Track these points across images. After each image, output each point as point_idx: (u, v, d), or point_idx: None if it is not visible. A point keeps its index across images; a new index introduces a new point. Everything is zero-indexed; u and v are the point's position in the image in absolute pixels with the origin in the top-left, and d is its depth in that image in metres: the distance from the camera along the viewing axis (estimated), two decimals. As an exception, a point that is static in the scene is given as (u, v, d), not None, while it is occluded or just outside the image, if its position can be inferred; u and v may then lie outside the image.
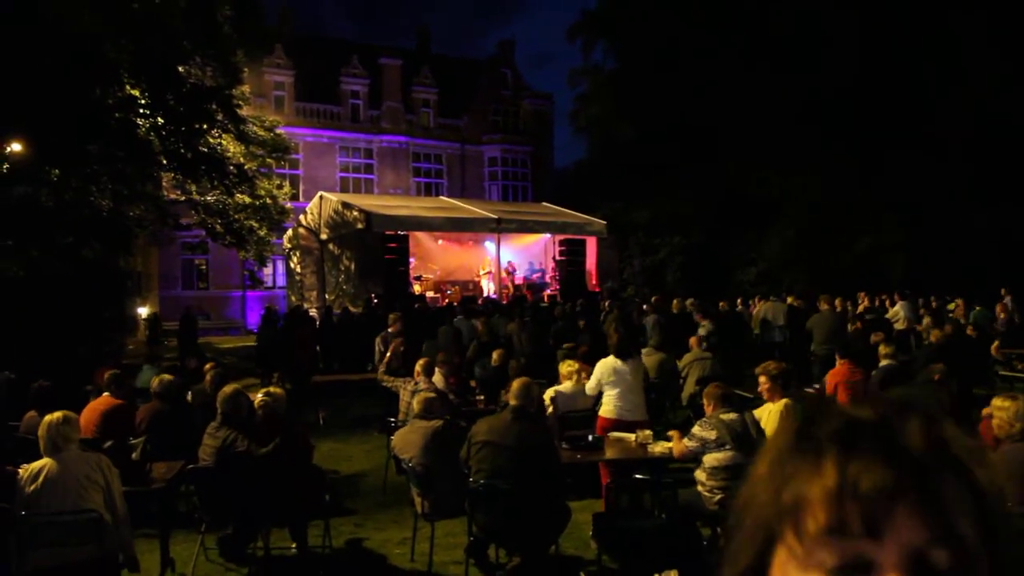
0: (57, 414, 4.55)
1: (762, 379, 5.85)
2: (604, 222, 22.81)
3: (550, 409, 7.02)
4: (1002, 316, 14.70)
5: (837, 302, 14.49)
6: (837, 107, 23.48)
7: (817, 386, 9.41)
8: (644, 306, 16.73)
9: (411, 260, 20.29)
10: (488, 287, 21.83)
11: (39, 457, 4.55)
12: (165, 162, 17.25)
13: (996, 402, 4.27)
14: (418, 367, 7.91)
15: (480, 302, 18.78)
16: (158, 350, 13.73)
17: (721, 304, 15.49)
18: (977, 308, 14.66)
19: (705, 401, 5.58)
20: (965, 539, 0.56)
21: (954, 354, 9.04)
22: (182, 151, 17.08)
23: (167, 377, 7.03)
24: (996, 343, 12.04)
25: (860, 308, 15.78)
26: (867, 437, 0.60)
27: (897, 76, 22.71)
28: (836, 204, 24.06)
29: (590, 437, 6.31)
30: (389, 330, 11.88)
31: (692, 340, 10.44)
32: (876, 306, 16.12)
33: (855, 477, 0.57)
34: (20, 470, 4.56)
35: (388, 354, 9.75)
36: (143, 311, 23.69)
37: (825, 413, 0.64)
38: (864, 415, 0.62)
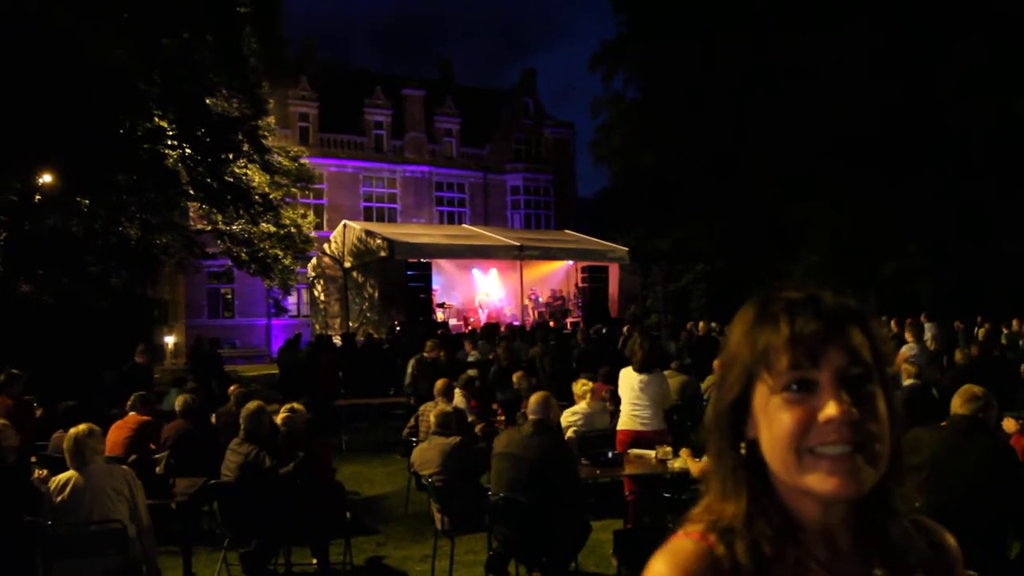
0: (82, 426, 4.62)
1: None
2: (626, 249, 22.85)
3: (568, 432, 7.00)
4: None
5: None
6: (863, 132, 23.41)
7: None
8: (663, 329, 16.67)
9: (435, 288, 20.38)
10: (482, 315, 21.74)
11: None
12: (192, 192, 17.54)
13: None
14: (437, 388, 7.95)
15: (502, 329, 18.81)
16: (185, 375, 13.85)
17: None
18: (1005, 330, 14.51)
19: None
20: (867, 361, 0.93)
21: (981, 375, 8.94)
22: (208, 181, 17.37)
23: (191, 396, 7.11)
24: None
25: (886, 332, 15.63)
26: (804, 305, 0.95)
27: (921, 99, 22.64)
28: (861, 230, 23.91)
29: (610, 453, 6.30)
30: (424, 355, 11.95)
31: (716, 363, 10.37)
32: (897, 332, 15.96)
33: (800, 328, 0.93)
34: (50, 483, 4.64)
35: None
36: (170, 339, 23.94)
37: (774, 297, 0.99)
38: (800, 293, 0.97)
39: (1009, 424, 5.45)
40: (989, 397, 4.23)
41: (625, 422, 6.76)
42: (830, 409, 0.89)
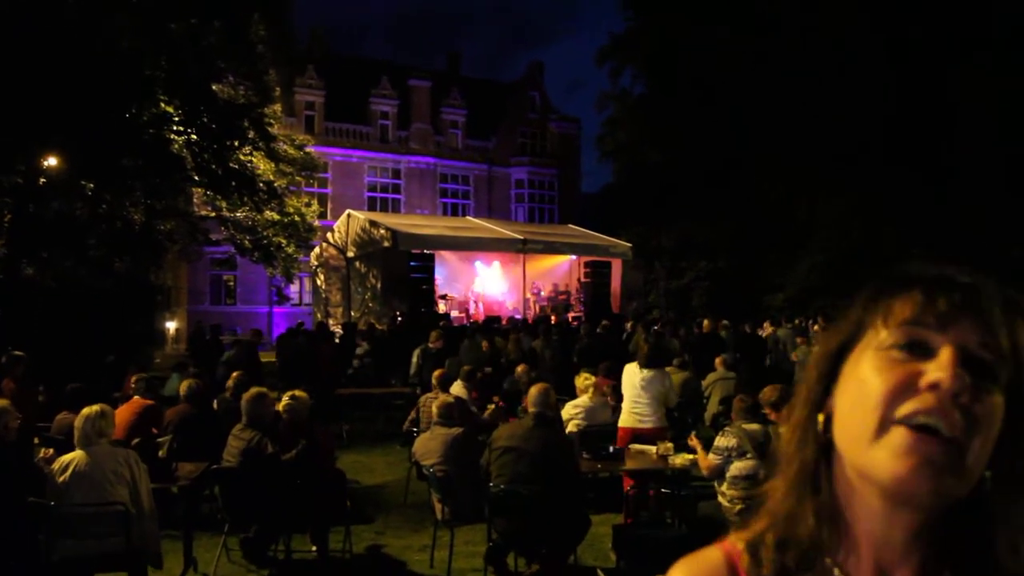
0: (95, 407, 4.66)
1: (766, 409, 5.81)
2: (629, 244, 22.84)
3: (569, 427, 7.02)
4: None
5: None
6: (868, 136, 23.36)
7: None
8: (667, 326, 16.67)
9: (437, 279, 20.39)
10: (478, 308, 21.75)
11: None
12: (197, 178, 17.52)
13: None
14: (434, 379, 7.99)
15: (505, 322, 18.83)
16: (187, 361, 13.88)
17: (745, 328, 15.41)
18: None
19: (733, 413, 5.58)
20: (1003, 350, 0.74)
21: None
22: (213, 167, 17.35)
23: (195, 382, 7.13)
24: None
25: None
26: (943, 276, 0.79)
27: (926, 100, 22.58)
28: (868, 230, 23.86)
29: (611, 448, 6.32)
30: (429, 345, 12.02)
31: (718, 360, 10.41)
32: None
33: (935, 293, 0.77)
34: (54, 464, 4.66)
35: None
36: (171, 325, 23.97)
37: (904, 270, 0.82)
38: (936, 269, 0.81)
39: None
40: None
41: (626, 419, 6.78)
42: (940, 371, 0.71)
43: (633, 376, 6.77)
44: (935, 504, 0.72)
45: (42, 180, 14.37)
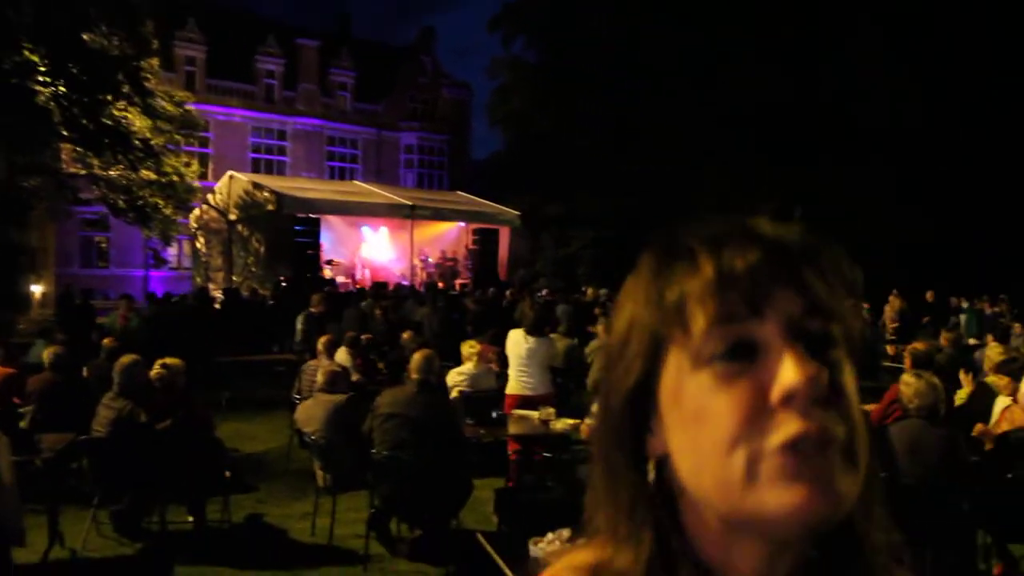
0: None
1: None
2: (517, 212, 23.02)
3: (453, 393, 7.07)
4: (890, 316, 15.61)
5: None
6: (759, 115, 24.25)
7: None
8: (553, 294, 16.94)
9: (323, 244, 20.02)
10: (364, 274, 21.49)
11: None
12: (65, 133, 16.53)
13: (905, 377, 4.49)
14: (320, 345, 7.91)
15: (391, 288, 18.70)
16: (53, 326, 13.19)
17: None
18: (865, 306, 15.37)
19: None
20: (831, 310, 0.62)
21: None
22: (84, 122, 16.40)
23: (60, 349, 6.79)
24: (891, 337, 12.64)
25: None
26: (733, 234, 0.64)
27: (811, 88, 23.66)
28: (748, 206, 24.75)
29: (494, 414, 6.40)
30: (311, 310, 11.81)
31: (599, 328, 10.67)
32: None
33: (730, 263, 0.61)
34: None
35: None
36: (37, 288, 22.68)
37: (686, 231, 0.67)
38: (725, 224, 0.67)
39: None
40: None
41: (513, 386, 6.87)
42: (788, 373, 0.58)
43: (519, 344, 6.85)
44: (839, 516, 0.60)
45: None
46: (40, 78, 15.29)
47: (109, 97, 16.72)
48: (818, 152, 23.60)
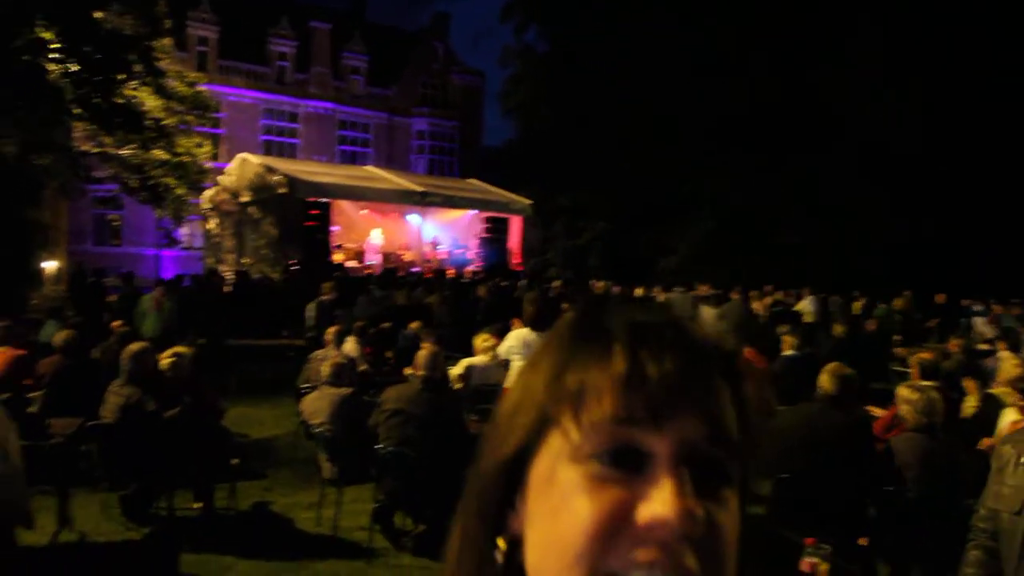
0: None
1: None
2: (529, 201, 22.97)
3: (459, 384, 7.07)
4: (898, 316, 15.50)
5: (753, 295, 14.94)
6: (758, 111, 24.18)
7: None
8: (565, 286, 16.91)
9: (333, 228, 20.03)
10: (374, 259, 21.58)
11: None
12: (78, 111, 16.55)
13: (904, 392, 4.36)
14: (328, 335, 7.90)
15: (401, 274, 18.71)
16: (64, 305, 13.26)
17: (637, 291, 15.76)
18: (881, 306, 15.26)
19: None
20: (732, 439, 0.58)
21: (853, 348, 9.51)
22: (96, 101, 16.41)
23: (72, 333, 6.83)
24: (898, 338, 12.54)
25: (768, 301, 16.25)
26: (659, 330, 0.60)
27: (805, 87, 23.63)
28: (753, 201, 24.74)
29: (500, 410, 6.40)
30: (322, 298, 11.82)
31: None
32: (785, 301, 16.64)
33: (644, 365, 0.57)
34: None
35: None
36: (49, 265, 22.77)
37: (610, 308, 0.63)
38: (651, 313, 0.63)
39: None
40: (852, 376, 4.55)
41: (513, 382, 6.87)
42: (659, 504, 0.54)
43: (521, 338, 6.86)
44: None
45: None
46: (52, 56, 15.31)
47: (121, 76, 16.72)
48: (813, 146, 23.56)
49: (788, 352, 8.47)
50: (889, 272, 20.57)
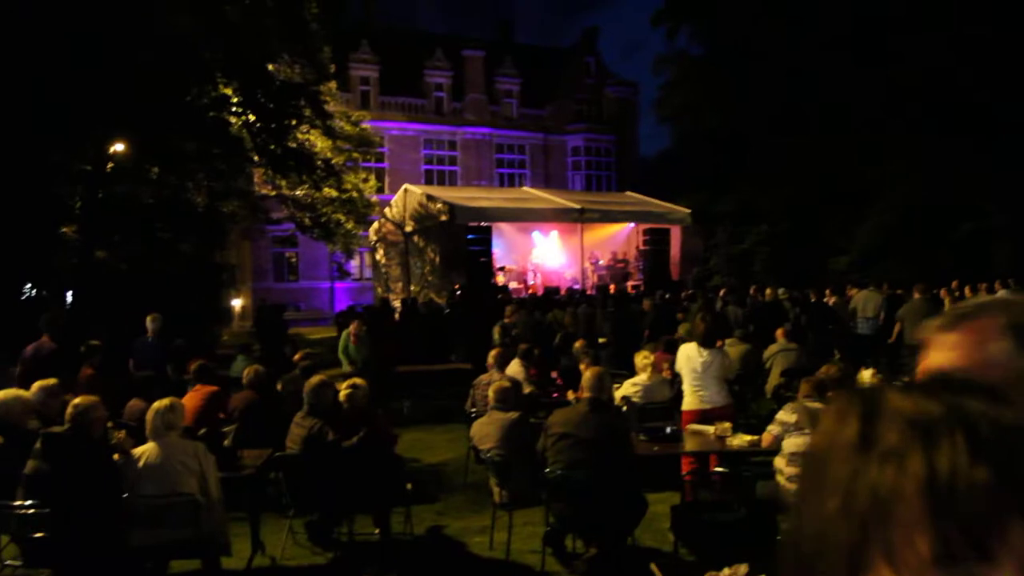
0: (165, 401, 4.83)
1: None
2: (688, 211, 22.56)
3: (624, 407, 6.99)
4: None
5: (942, 292, 13.93)
6: (935, 91, 22.47)
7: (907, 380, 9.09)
8: (730, 292, 16.39)
9: (495, 251, 20.43)
10: (536, 279, 21.63)
11: (140, 442, 4.83)
12: (256, 158, 17.81)
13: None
14: (491, 358, 7.96)
15: (563, 293, 18.82)
16: (251, 340, 14.23)
17: (811, 294, 15.05)
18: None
19: (799, 392, 5.58)
20: None
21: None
22: (272, 147, 17.61)
23: (260, 368, 7.30)
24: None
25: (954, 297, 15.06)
26: (947, 426, 0.49)
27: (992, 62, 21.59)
28: (936, 189, 23.03)
29: (668, 429, 6.28)
30: (505, 320, 12.11)
31: (779, 332, 10.24)
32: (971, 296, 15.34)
33: (947, 472, 0.47)
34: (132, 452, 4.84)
35: None
36: (237, 303, 24.56)
37: (882, 403, 0.53)
38: (935, 403, 0.51)
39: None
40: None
41: (690, 401, 6.71)
42: None
43: (692, 358, 6.68)
44: None
45: (110, 165, 14.78)
46: (233, 109, 16.57)
47: (293, 122, 17.87)
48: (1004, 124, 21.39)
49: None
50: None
